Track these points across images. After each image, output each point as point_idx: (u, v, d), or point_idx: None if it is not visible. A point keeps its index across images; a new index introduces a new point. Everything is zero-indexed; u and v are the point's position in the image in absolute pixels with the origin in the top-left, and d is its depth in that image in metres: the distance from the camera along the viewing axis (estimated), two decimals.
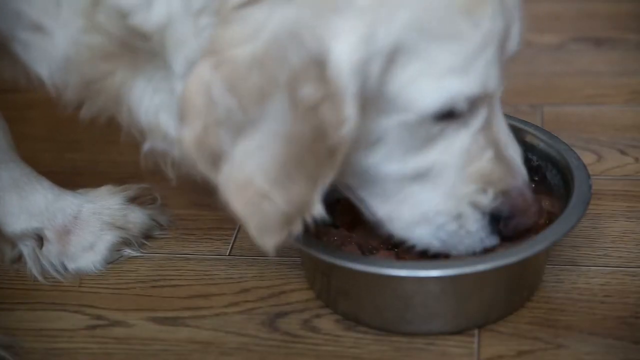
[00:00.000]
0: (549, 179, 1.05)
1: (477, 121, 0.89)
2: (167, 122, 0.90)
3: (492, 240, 0.93)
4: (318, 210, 0.85)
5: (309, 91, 0.79)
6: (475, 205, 0.91)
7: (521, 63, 0.86)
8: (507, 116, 1.09)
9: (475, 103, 0.86)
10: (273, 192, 0.82)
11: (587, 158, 1.21)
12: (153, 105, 0.90)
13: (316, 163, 0.82)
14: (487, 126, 0.90)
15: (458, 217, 0.92)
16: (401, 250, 0.98)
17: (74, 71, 0.89)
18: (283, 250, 1.09)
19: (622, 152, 1.26)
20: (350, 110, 0.80)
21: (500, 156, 0.91)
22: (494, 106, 0.90)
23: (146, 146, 0.94)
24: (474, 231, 0.92)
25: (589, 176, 0.99)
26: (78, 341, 0.99)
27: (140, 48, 0.86)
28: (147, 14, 0.84)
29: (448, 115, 0.86)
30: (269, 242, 0.85)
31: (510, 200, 0.92)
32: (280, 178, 0.82)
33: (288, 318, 1.00)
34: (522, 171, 0.93)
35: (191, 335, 0.99)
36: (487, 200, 0.91)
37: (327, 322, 0.99)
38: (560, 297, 1.00)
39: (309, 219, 0.85)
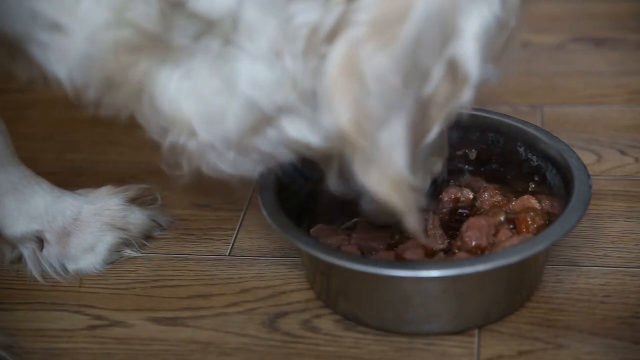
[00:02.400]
0: (549, 179, 1.05)
1: None
2: (191, 110, 0.86)
3: None
4: None
5: (436, 72, 0.78)
6: None
7: (521, 63, 0.86)
8: (507, 116, 1.10)
9: None
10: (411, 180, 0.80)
11: (587, 158, 1.21)
12: (181, 91, 0.85)
13: None
14: None
15: None
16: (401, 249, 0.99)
17: (95, 68, 0.84)
18: (283, 250, 1.10)
19: (622, 152, 1.25)
20: (467, 96, 0.81)
21: None
22: None
23: (168, 141, 0.89)
24: None
25: (589, 176, 0.99)
26: (78, 341, 0.99)
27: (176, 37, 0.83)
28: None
29: None
30: (415, 221, 0.82)
31: None
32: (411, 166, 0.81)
33: (288, 318, 1.00)
34: None
35: (191, 335, 0.99)
36: None
37: (327, 322, 0.99)
38: (560, 297, 1.00)
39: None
